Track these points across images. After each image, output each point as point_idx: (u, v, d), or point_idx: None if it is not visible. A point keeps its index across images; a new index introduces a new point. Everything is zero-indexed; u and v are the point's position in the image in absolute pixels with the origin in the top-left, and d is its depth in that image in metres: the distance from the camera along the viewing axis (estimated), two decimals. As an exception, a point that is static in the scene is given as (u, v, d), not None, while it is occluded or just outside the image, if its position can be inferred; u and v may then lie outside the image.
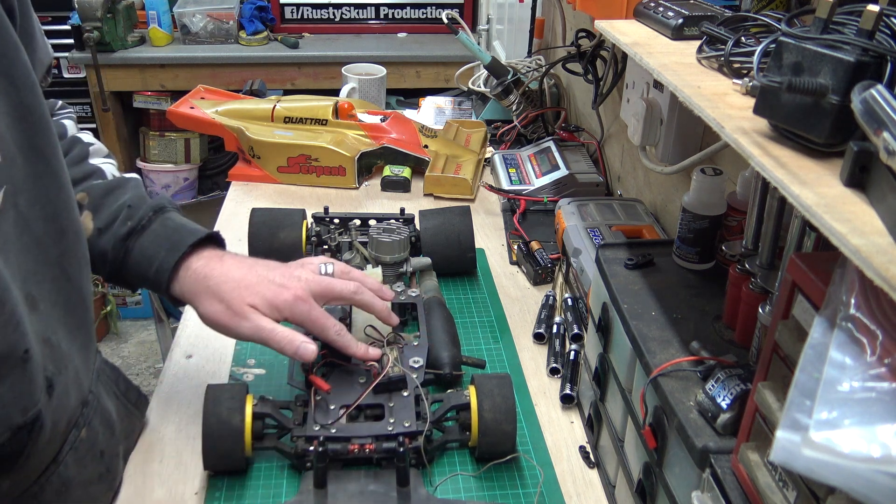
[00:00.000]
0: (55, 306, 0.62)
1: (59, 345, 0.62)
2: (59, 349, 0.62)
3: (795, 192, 0.44)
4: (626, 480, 0.73)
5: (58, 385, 0.61)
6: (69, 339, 0.64)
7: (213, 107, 1.49)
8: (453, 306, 1.07)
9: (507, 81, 1.57)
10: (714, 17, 0.72)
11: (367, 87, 1.78)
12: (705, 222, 0.77)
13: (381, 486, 0.76)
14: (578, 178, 1.36)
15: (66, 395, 0.63)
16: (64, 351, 0.63)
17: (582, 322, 1.01)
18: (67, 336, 0.64)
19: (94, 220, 0.76)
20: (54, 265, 0.63)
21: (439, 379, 0.89)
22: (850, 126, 0.44)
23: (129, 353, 2.67)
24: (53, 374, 0.60)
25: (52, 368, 0.61)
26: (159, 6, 2.47)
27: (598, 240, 1.08)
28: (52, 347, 0.61)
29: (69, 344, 0.64)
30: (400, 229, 1.06)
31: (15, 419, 0.56)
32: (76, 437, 0.66)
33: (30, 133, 0.60)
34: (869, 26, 0.45)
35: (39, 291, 0.60)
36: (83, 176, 0.81)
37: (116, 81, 2.49)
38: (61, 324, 0.63)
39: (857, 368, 0.38)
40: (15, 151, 0.58)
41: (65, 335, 0.64)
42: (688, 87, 0.60)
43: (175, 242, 0.78)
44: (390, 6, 2.71)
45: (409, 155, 1.47)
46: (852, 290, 0.41)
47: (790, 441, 0.38)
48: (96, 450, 0.70)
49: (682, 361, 0.64)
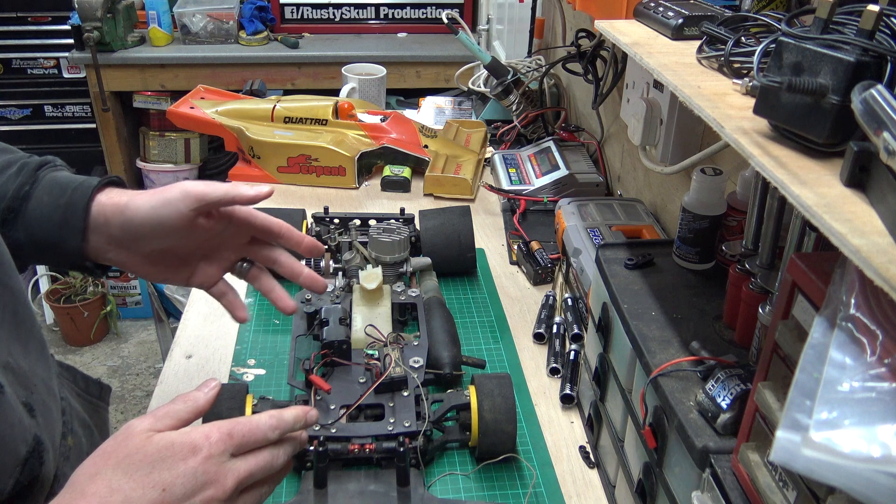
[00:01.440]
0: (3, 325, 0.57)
1: (17, 363, 0.58)
2: (20, 368, 0.58)
3: (795, 192, 0.44)
4: (626, 480, 0.73)
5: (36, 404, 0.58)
6: (25, 353, 0.60)
7: (213, 107, 1.49)
8: (453, 306, 1.07)
9: (507, 81, 1.57)
10: (714, 17, 0.72)
11: (367, 87, 1.78)
12: (705, 222, 0.77)
13: (381, 486, 0.76)
14: (578, 178, 1.36)
15: (48, 412, 0.60)
16: (24, 368, 0.59)
17: (582, 322, 1.01)
18: (23, 350, 0.60)
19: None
20: None
21: (439, 379, 0.89)
22: (850, 126, 0.44)
23: (129, 353, 2.67)
24: (27, 397, 0.57)
25: (23, 392, 0.57)
26: (159, 6, 2.47)
27: (598, 240, 1.08)
28: (13, 370, 0.57)
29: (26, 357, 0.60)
30: (400, 229, 1.06)
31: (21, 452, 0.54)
32: (66, 447, 0.63)
33: None
34: (869, 26, 0.45)
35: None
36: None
37: (116, 81, 2.49)
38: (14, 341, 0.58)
39: (857, 368, 0.38)
40: None
41: (21, 352, 0.59)
42: (688, 87, 0.60)
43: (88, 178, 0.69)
44: (390, 6, 2.71)
45: (409, 155, 1.47)
46: (852, 290, 0.41)
47: (790, 441, 0.38)
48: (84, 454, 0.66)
49: (682, 361, 0.64)
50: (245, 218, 0.73)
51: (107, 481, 0.52)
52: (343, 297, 0.99)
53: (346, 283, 1.02)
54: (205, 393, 0.60)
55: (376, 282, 0.98)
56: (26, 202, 0.67)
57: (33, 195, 0.67)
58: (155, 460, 0.53)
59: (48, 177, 0.69)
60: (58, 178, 0.69)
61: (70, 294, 2.59)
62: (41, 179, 0.69)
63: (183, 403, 0.58)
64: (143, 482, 0.52)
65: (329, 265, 1.07)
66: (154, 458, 0.53)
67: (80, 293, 2.63)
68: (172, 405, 0.58)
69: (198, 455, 0.54)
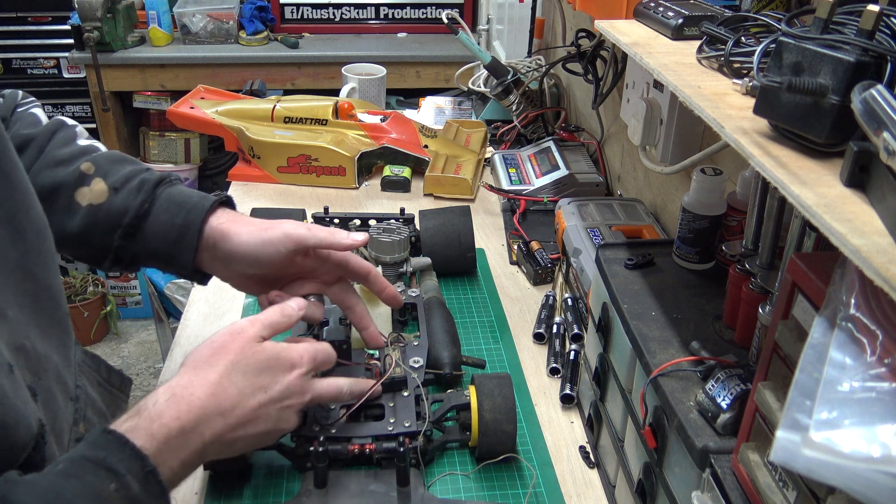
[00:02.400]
0: (23, 310, 0.61)
1: (34, 349, 0.61)
2: (35, 353, 0.61)
3: (795, 192, 0.44)
4: (626, 480, 0.73)
5: (40, 390, 0.60)
6: (44, 340, 0.63)
7: (213, 107, 1.49)
8: (453, 306, 1.07)
9: (507, 81, 1.57)
10: (714, 17, 0.72)
11: (367, 87, 1.78)
12: (705, 222, 0.77)
13: (381, 486, 0.76)
14: (578, 178, 1.36)
15: (52, 398, 0.63)
16: (40, 353, 0.62)
17: (582, 322, 1.01)
18: (42, 337, 0.63)
19: (106, 182, 0.75)
20: (15, 269, 0.61)
21: (439, 379, 0.89)
22: (850, 126, 0.44)
23: (129, 353, 2.67)
24: (33, 382, 0.60)
25: (30, 377, 0.60)
26: (159, 6, 2.47)
27: (598, 240, 1.08)
28: (27, 354, 0.60)
29: (45, 344, 0.63)
30: (400, 229, 1.06)
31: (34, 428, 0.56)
32: (77, 433, 0.67)
33: None
34: (869, 26, 0.45)
35: (4, 300, 0.58)
36: (80, 152, 0.78)
37: (116, 81, 2.49)
38: (33, 326, 0.62)
39: (857, 368, 0.38)
40: None
41: (39, 336, 0.62)
42: (688, 87, 0.60)
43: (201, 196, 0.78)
44: (390, 6, 2.71)
45: (409, 155, 1.47)
46: (852, 290, 0.41)
47: (790, 441, 0.38)
48: None
49: (682, 361, 0.64)
50: (340, 261, 0.83)
51: (224, 373, 0.64)
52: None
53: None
54: (295, 309, 0.73)
55: (376, 282, 0.98)
56: (145, 219, 0.76)
57: (152, 212, 0.76)
58: (263, 367, 0.67)
59: (164, 194, 0.77)
60: (173, 196, 0.77)
61: (70, 294, 2.59)
62: (159, 197, 0.76)
63: (281, 316, 0.72)
64: (252, 381, 0.66)
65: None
66: (263, 366, 0.67)
67: (80, 293, 2.62)
68: (273, 316, 0.71)
69: (294, 371, 0.69)
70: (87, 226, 0.75)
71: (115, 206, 0.75)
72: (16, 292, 0.60)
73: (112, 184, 0.75)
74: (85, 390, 0.71)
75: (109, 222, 0.75)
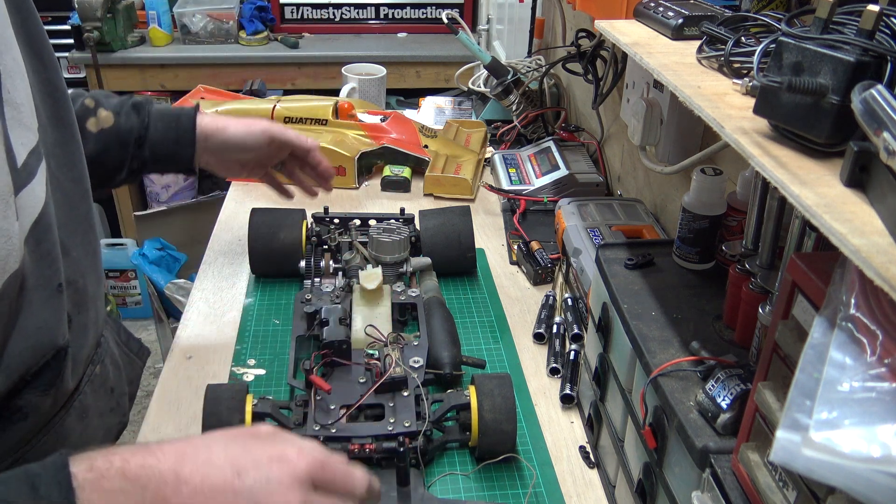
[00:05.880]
0: (85, 255, 0.70)
1: (84, 289, 0.70)
2: (85, 292, 0.70)
3: (795, 192, 0.44)
4: (626, 480, 0.73)
5: (76, 322, 0.68)
6: (94, 285, 0.72)
7: (213, 107, 1.48)
8: (453, 306, 1.07)
9: (507, 81, 1.57)
10: (714, 17, 0.72)
11: (367, 87, 1.78)
12: (705, 222, 0.77)
13: (381, 486, 0.76)
14: (578, 178, 1.36)
15: (85, 333, 0.71)
16: (89, 294, 0.71)
17: (582, 322, 1.01)
18: (93, 282, 0.72)
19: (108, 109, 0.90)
20: (83, 220, 0.72)
21: (439, 379, 0.89)
22: (850, 126, 0.44)
23: (129, 353, 2.67)
24: (73, 313, 0.67)
25: (73, 308, 0.67)
26: (159, 6, 2.47)
27: (598, 240, 1.08)
28: (77, 290, 0.68)
29: (94, 289, 0.72)
30: (400, 229, 1.06)
31: (58, 341, 0.63)
32: (92, 371, 0.74)
33: (56, 107, 0.68)
34: (869, 26, 0.45)
35: (71, 241, 0.68)
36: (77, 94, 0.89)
37: (116, 81, 2.48)
38: (89, 270, 0.71)
39: (857, 368, 0.38)
40: (46, 121, 0.66)
41: (91, 281, 0.71)
42: (688, 87, 0.60)
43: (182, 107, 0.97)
44: (390, 6, 2.71)
45: (409, 155, 1.47)
46: (852, 290, 0.41)
47: (790, 441, 0.38)
48: (108, 385, 0.78)
49: (682, 361, 0.64)
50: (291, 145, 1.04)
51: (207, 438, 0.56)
52: (343, 297, 0.99)
53: (346, 283, 1.02)
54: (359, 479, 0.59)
55: (376, 282, 0.98)
56: (148, 130, 0.93)
57: (150, 124, 0.93)
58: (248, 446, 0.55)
59: (154, 110, 0.94)
60: (162, 110, 0.95)
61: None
62: (151, 113, 0.93)
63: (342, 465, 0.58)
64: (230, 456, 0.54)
65: (329, 265, 1.07)
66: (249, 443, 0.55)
67: (80, 293, 2.62)
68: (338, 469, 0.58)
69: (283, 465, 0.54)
70: (103, 147, 0.89)
71: (122, 126, 0.90)
72: (82, 240, 0.71)
73: (114, 110, 0.90)
74: (108, 341, 0.80)
75: (120, 140, 0.90)
